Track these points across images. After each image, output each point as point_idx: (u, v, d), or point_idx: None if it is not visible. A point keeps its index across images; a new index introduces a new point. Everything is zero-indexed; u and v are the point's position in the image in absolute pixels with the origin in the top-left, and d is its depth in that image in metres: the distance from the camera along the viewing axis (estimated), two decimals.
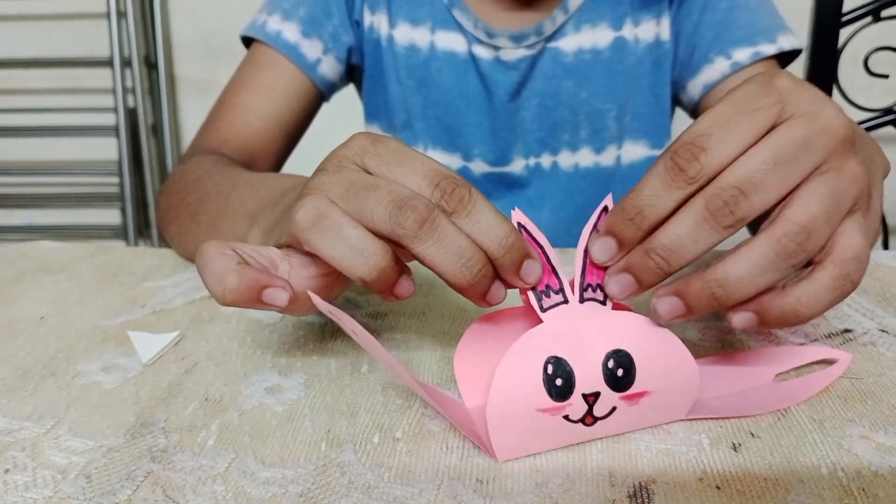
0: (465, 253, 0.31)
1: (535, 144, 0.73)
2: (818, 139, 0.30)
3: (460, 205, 0.31)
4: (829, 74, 0.88)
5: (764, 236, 0.30)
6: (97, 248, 0.58)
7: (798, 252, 0.30)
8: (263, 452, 0.33)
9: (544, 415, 0.32)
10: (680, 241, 0.30)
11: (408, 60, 0.72)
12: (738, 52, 0.67)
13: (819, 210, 0.30)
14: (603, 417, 0.32)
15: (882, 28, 0.87)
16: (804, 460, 0.31)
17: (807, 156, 0.30)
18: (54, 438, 0.34)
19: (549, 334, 0.32)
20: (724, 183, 0.30)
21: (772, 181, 0.30)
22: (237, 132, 0.68)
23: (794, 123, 0.30)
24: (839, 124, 0.31)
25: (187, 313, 0.46)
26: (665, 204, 0.30)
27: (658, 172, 0.31)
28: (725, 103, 0.31)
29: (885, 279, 0.49)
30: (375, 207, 0.31)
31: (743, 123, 0.30)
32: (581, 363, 0.32)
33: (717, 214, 0.30)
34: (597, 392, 0.32)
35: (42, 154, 1.66)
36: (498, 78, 0.70)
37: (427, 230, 0.30)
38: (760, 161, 0.30)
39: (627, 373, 0.32)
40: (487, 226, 0.31)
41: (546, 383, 0.32)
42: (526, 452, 0.32)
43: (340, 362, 0.40)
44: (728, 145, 0.30)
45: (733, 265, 0.30)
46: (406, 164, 0.32)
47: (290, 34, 0.70)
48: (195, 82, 1.62)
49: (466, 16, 0.69)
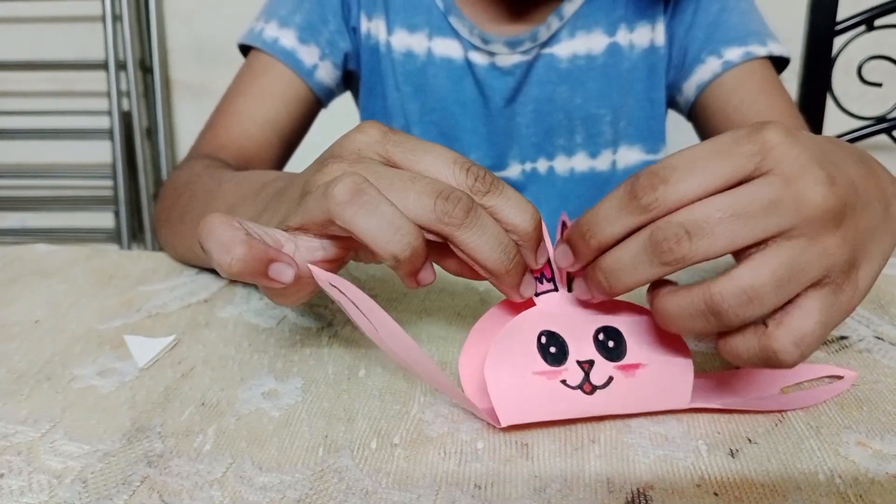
0: (503, 240, 0.32)
1: (531, 149, 0.73)
2: (788, 204, 0.28)
3: (494, 185, 0.32)
4: (822, 83, 0.89)
5: (702, 286, 0.29)
6: (92, 251, 0.58)
7: (730, 315, 0.29)
8: (260, 457, 0.33)
9: (542, 378, 0.34)
10: (620, 265, 0.30)
11: (405, 66, 0.72)
12: (730, 52, 0.67)
13: (768, 276, 0.28)
14: (602, 387, 0.34)
15: (876, 37, 0.87)
16: (801, 467, 0.31)
17: (770, 217, 0.28)
18: (50, 443, 0.34)
19: (541, 314, 0.34)
20: (673, 219, 0.29)
21: (722, 232, 0.28)
22: (234, 138, 0.68)
23: (767, 180, 0.29)
24: (820, 193, 0.29)
25: (183, 317, 0.46)
26: (613, 228, 0.30)
27: (616, 195, 0.31)
28: (706, 143, 0.30)
29: (881, 287, 0.49)
30: (418, 198, 0.31)
31: (713, 165, 0.29)
32: (572, 336, 0.34)
33: (656, 248, 0.29)
34: (591, 359, 0.34)
35: (36, 157, 1.65)
36: (493, 84, 0.71)
37: (472, 219, 0.31)
38: (716, 208, 0.29)
39: (618, 344, 0.34)
40: (519, 202, 0.33)
41: (540, 351, 0.34)
42: (530, 418, 0.33)
43: (338, 367, 0.40)
44: (690, 183, 0.29)
45: (668, 300, 0.31)
46: (431, 151, 0.33)
47: (286, 41, 0.70)
48: (190, 86, 1.62)
49: (462, 22, 0.70)
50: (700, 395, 0.35)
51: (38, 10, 1.58)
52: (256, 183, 0.45)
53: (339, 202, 0.30)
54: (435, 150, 0.33)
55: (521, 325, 0.34)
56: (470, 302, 0.47)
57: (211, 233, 0.31)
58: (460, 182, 0.32)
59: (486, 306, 0.46)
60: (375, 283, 0.51)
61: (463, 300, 0.48)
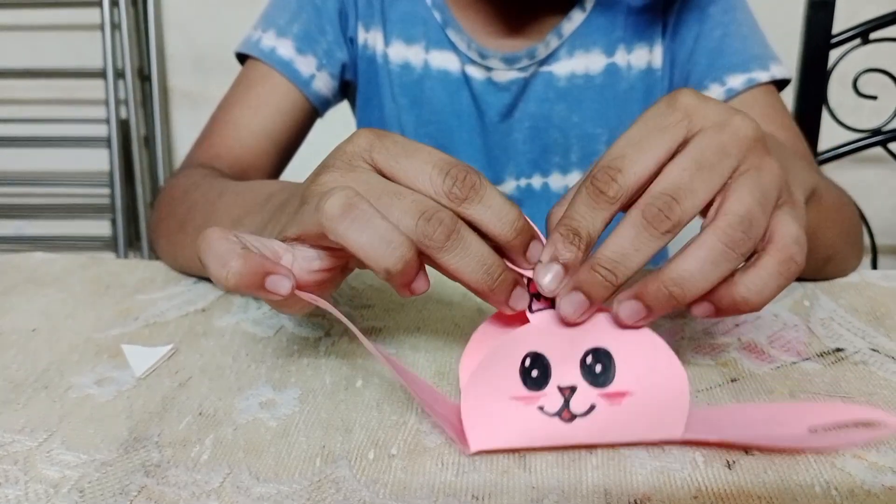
0: (487, 260, 0.32)
1: (527, 166, 0.74)
2: (732, 143, 0.32)
3: (472, 190, 0.32)
4: (818, 96, 0.89)
5: (710, 231, 0.31)
6: (89, 259, 0.58)
7: (745, 240, 0.31)
8: (258, 467, 0.33)
9: (518, 403, 0.33)
10: (623, 251, 0.31)
11: (402, 78, 0.72)
12: (733, 79, 0.67)
13: (752, 200, 0.31)
14: (582, 415, 0.33)
15: (871, 50, 0.88)
16: (798, 479, 0.31)
17: (724, 159, 0.32)
18: (47, 452, 0.34)
19: (532, 333, 0.33)
20: (654, 192, 0.32)
21: (698, 185, 0.31)
22: (229, 147, 0.68)
23: (705, 134, 0.32)
24: (748, 127, 0.33)
25: (181, 327, 0.46)
26: (595, 223, 0.32)
27: (581, 198, 0.32)
28: (635, 127, 0.33)
29: (876, 298, 0.49)
30: (402, 216, 0.31)
31: (653, 141, 0.32)
32: (559, 358, 0.33)
33: (654, 221, 0.31)
34: (573, 385, 0.33)
35: (33, 164, 1.65)
36: (489, 98, 0.71)
37: (453, 241, 0.31)
38: (682, 168, 0.32)
39: (606, 369, 0.33)
40: (500, 209, 0.32)
41: (521, 374, 0.33)
42: (501, 444, 0.33)
43: (335, 377, 0.40)
44: (642, 164, 0.32)
45: (686, 263, 0.31)
46: (415, 155, 0.33)
47: (284, 51, 0.70)
48: (188, 95, 1.62)
49: (460, 36, 0.70)
50: (707, 426, 0.34)
51: (36, 18, 1.59)
52: (260, 194, 0.45)
53: (330, 217, 0.31)
54: (418, 153, 0.33)
55: (509, 344, 0.33)
56: (467, 312, 0.48)
57: (208, 246, 0.32)
58: (438, 189, 0.32)
59: (484, 316, 0.46)
60: (373, 292, 0.51)
61: (460, 311, 0.48)
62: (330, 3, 0.71)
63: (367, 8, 0.72)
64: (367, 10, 0.72)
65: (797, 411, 0.35)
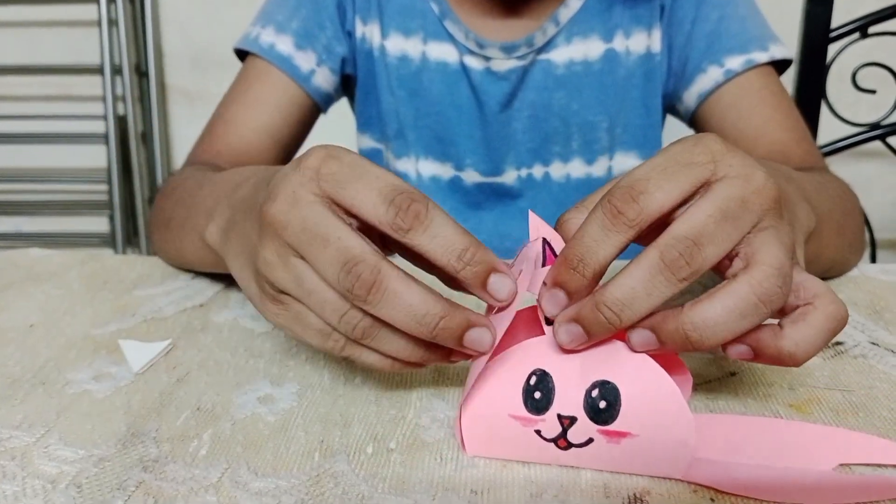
0: (418, 310, 0.30)
1: (527, 155, 0.73)
2: (754, 199, 0.30)
3: (416, 220, 0.30)
4: (817, 90, 0.89)
5: (743, 281, 0.29)
6: (87, 255, 0.57)
7: (780, 295, 0.29)
8: (256, 462, 0.33)
9: (516, 423, 0.32)
10: (634, 293, 0.29)
11: (399, 71, 0.72)
12: (731, 60, 0.67)
13: (785, 257, 0.30)
14: (579, 446, 0.32)
15: (870, 44, 0.88)
16: None
17: (746, 213, 0.30)
18: (44, 447, 0.34)
19: (544, 347, 0.32)
20: (676, 234, 0.29)
21: (720, 234, 0.29)
22: (230, 145, 0.68)
23: (730, 183, 0.30)
24: (771, 187, 0.31)
25: (178, 322, 0.46)
26: (606, 250, 0.30)
27: (596, 218, 0.30)
28: (660, 156, 0.31)
29: (876, 292, 0.49)
30: (326, 267, 0.31)
31: (679, 174, 0.30)
32: (565, 384, 0.31)
33: (672, 266, 0.29)
34: (573, 417, 0.31)
35: (31, 161, 1.65)
36: (489, 88, 0.71)
37: (374, 295, 0.30)
38: (707, 214, 0.29)
39: (610, 406, 0.31)
40: (445, 240, 0.31)
41: (524, 393, 0.32)
42: (496, 455, 0.33)
43: (334, 372, 0.40)
44: (665, 191, 0.30)
45: (711, 310, 0.29)
46: (360, 180, 0.31)
47: (283, 47, 0.70)
48: (185, 91, 1.62)
49: (458, 27, 0.70)
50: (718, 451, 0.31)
51: (34, 15, 1.58)
52: (230, 183, 0.44)
53: (270, 316, 0.34)
54: (364, 178, 0.31)
55: (518, 356, 0.32)
56: None
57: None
58: (381, 220, 0.31)
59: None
60: None
61: None
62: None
63: (364, 1, 0.72)
64: (365, 3, 0.72)
65: (826, 439, 0.33)
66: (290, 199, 0.32)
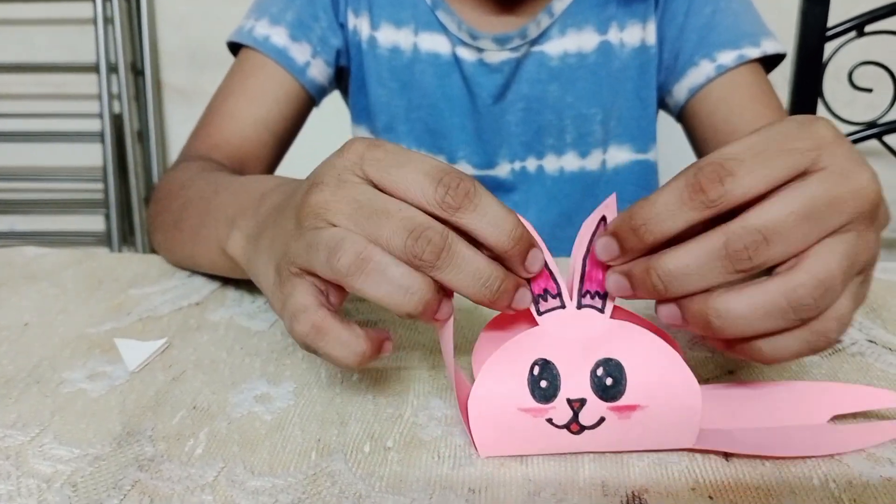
0: (483, 274, 0.31)
1: (521, 148, 0.73)
2: (848, 201, 0.29)
3: (466, 199, 0.31)
4: (813, 88, 0.89)
5: (779, 282, 0.28)
6: (82, 254, 0.57)
7: (812, 308, 0.29)
8: (252, 461, 0.32)
9: (526, 415, 0.32)
10: (687, 271, 0.29)
11: (391, 62, 0.72)
12: (723, 55, 0.67)
13: (838, 269, 0.29)
14: (591, 427, 0.32)
15: (866, 43, 0.88)
16: (796, 471, 0.31)
17: (834, 215, 0.29)
18: (39, 447, 0.33)
19: (541, 337, 0.32)
20: (749, 224, 0.28)
21: (796, 234, 0.28)
22: (227, 138, 0.68)
23: (827, 177, 0.29)
24: (872, 190, 0.29)
25: (174, 321, 0.46)
26: (674, 223, 0.29)
27: (677, 186, 0.29)
28: (760, 135, 0.29)
29: (874, 290, 0.49)
30: (391, 236, 0.30)
31: (776, 159, 0.28)
32: (569, 368, 0.32)
33: (734, 256, 0.28)
34: (582, 398, 0.32)
35: (26, 160, 1.64)
36: (481, 80, 0.70)
37: (444, 259, 0.30)
38: (790, 211, 0.28)
39: (617, 382, 0.32)
40: (495, 218, 0.31)
41: (530, 384, 0.32)
42: (509, 452, 0.33)
43: (330, 371, 0.40)
44: (756, 177, 0.28)
45: (737, 302, 0.29)
46: (406, 164, 0.32)
47: (278, 39, 0.70)
48: (181, 89, 1.62)
49: (450, 17, 0.69)
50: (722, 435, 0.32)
51: (29, 13, 1.58)
52: (254, 192, 0.44)
53: (346, 274, 0.31)
54: (410, 162, 0.32)
55: (517, 348, 0.32)
56: (462, 306, 0.47)
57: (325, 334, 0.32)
58: (430, 200, 0.31)
59: (480, 310, 0.46)
60: None
61: (455, 304, 0.47)
62: None
63: None
64: None
65: (820, 394, 0.34)
66: (335, 182, 0.32)
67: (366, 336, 0.32)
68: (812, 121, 0.30)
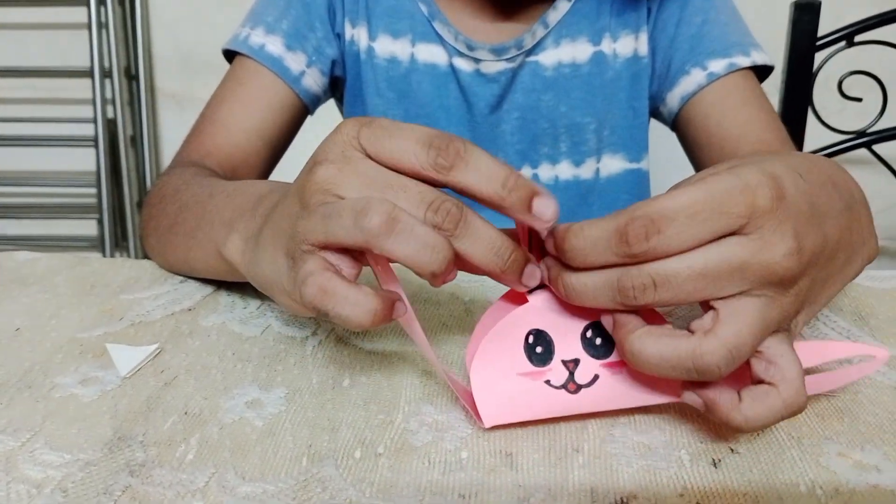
0: (496, 243, 0.32)
1: (516, 157, 0.74)
2: (755, 270, 0.30)
3: (457, 157, 0.32)
4: (804, 97, 0.90)
5: (690, 345, 0.30)
6: (74, 259, 0.57)
7: (715, 374, 0.30)
8: (244, 467, 0.32)
9: (525, 379, 0.34)
10: (584, 290, 0.32)
11: (388, 73, 0.72)
12: (714, 64, 0.68)
13: (749, 335, 0.30)
14: (587, 385, 0.34)
15: (855, 53, 0.88)
16: (783, 477, 0.32)
17: (735, 280, 0.30)
18: (30, 452, 0.33)
19: (531, 312, 0.34)
20: (644, 269, 0.30)
21: (686, 288, 0.30)
22: (219, 145, 0.68)
23: (742, 243, 0.30)
24: (784, 266, 0.30)
25: (166, 326, 0.46)
26: (595, 260, 0.31)
27: (607, 228, 0.30)
28: (700, 190, 0.30)
29: (860, 298, 0.50)
30: (410, 209, 0.31)
31: (706, 222, 0.29)
32: (561, 334, 0.34)
33: (622, 292, 0.31)
34: (576, 359, 0.34)
35: (19, 164, 1.64)
36: (478, 90, 0.71)
37: (462, 229, 0.32)
38: (687, 266, 0.30)
39: (606, 341, 0.34)
40: (488, 171, 0.32)
41: (526, 351, 0.34)
42: (513, 419, 0.34)
43: (322, 377, 0.40)
44: (682, 238, 0.29)
45: (648, 345, 0.31)
46: (398, 134, 0.33)
47: (273, 47, 0.70)
48: (175, 94, 1.62)
49: (447, 28, 0.70)
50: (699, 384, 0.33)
51: (23, 17, 1.57)
52: (251, 195, 0.44)
53: (376, 234, 0.31)
54: (401, 132, 0.33)
55: (511, 324, 0.34)
56: (455, 311, 0.47)
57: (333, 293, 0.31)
58: (424, 164, 0.32)
59: (472, 316, 0.46)
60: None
61: (448, 310, 0.48)
62: (318, 0, 0.71)
63: (353, 4, 0.72)
64: (353, 5, 0.72)
65: None
66: (341, 159, 0.33)
67: (376, 294, 0.32)
68: (757, 185, 0.30)
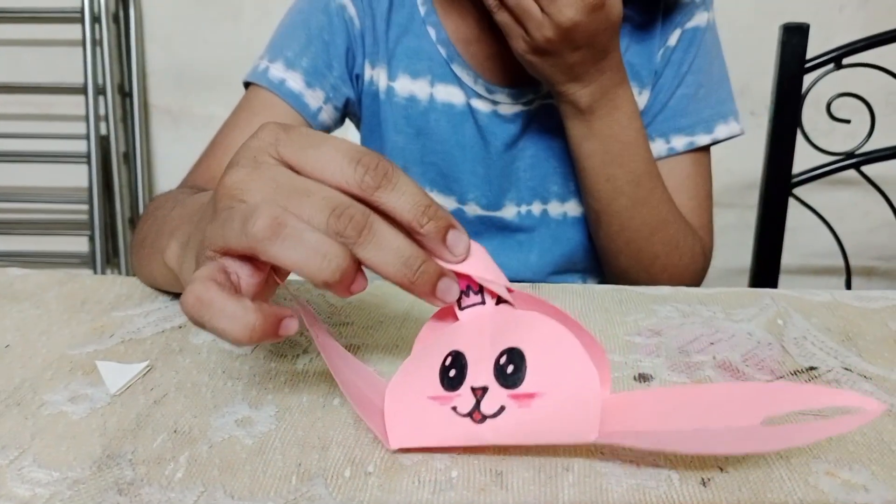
0: (405, 252, 0.32)
1: (528, 193, 0.76)
2: None
3: (385, 178, 0.32)
4: (792, 119, 0.91)
5: None
6: (65, 275, 0.57)
7: None
8: (233, 486, 0.32)
9: (434, 403, 0.33)
10: None
11: (407, 110, 0.74)
12: (676, 140, 0.72)
13: None
14: (492, 416, 0.33)
15: (844, 75, 0.90)
16: (772, 496, 0.32)
17: None
18: (18, 469, 0.33)
19: (457, 331, 0.34)
20: None
21: None
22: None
23: None
24: None
25: (157, 343, 0.46)
26: None
27: None
28: None
29: (849, 318, 0.50)
30: (313, 214, 0.31)
31: None
32: (476, 358, 0.33)
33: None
34: (485, 386, 0.33)
35: (11, 180, 1.64)
36: (495, 130, 0.73)
37: (366, 236, 0.31)
38: None
39: (517, 370, 0.33)
40: (413, 196, 0.32)
41: (441, 373, 0.33)
42: (419, 443, 0.33)
43: (312, 395, 0.40)
44: None
45: None
46: (322, 145, 0.32)
47: (294, 84, 0.71)
48: (168, 111, 1.62)
49: (466, 71, 0.71)
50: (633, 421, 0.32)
51: (17, 33, 1.58)
52: (197, 203, 0.44)
53: (260, 239, 0.30)
54: (325, 144, 0.32)
55: (436, 343, 0.34)
56: None
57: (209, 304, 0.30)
58: (349, 180, 0.32)
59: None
60: (352, 309, 0.51)
61: None
62: (339, 41, 0.72)
63: (373, 45, 0.73)
64: (374, 47, 0.73)
65: (751, 396, 0.31)
66: (251, 164, 0.33)
67: (256, 309, 0.30)
68: None
